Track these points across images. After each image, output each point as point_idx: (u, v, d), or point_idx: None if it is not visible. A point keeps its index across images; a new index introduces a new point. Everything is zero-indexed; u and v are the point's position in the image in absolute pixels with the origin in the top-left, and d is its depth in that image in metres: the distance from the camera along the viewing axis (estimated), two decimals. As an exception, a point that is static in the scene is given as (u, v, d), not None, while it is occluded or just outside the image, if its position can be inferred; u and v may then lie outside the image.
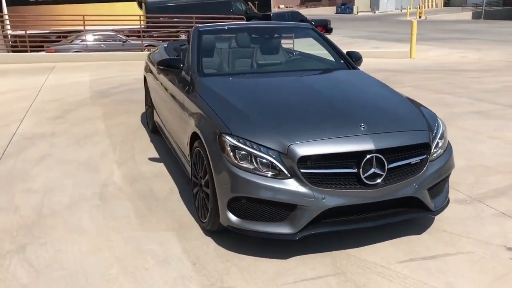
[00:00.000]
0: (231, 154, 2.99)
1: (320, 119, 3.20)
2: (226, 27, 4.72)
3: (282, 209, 2.94)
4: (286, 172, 2.91)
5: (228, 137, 3.04)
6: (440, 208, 3.30)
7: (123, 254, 3.13)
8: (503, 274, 2.89)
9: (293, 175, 2.90)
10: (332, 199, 2.91)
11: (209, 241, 3.29)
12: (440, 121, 3.47)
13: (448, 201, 3.44)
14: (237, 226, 3.02)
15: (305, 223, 2.92)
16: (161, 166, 4.82)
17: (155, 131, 5.91)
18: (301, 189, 2.88)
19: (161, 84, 4.77)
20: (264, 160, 2.93)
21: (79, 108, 7.56)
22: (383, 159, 2.95)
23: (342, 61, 4.48)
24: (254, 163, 2.94)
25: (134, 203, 3.95)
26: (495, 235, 3.36)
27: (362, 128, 3.03)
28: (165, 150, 5.31)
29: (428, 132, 3.22)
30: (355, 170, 2.93)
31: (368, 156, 2.92)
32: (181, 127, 3.92)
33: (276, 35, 4.76)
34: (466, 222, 3.55)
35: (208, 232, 3.40)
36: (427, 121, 3.36)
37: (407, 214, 3.19)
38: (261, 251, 3.14)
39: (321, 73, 4.30)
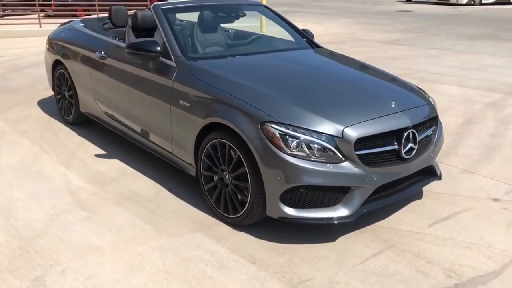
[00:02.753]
0: (282, 143, 2.85)
1: (355, 100, 3.22)
2: (188, 4, 4.32)
3: (337, 192, 2.94)
4: (340, 156, 2.89)
5: (274, 126, 2.88)
6: (441, 173, 3.65)
7: (168, 266, 2.79)
8: (510, 222, 3.37)
9: (347, 158, 2.90)
10: (381, 176, 3.01)
11: (247, 236, 3.12)
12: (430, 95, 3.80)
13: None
14: (292, 217, 2.92)
15: (360, 204, 2.97)
16: (118, 163, 4.29)
17: (77, 123, 5.20)
18: (356, 170, 2.91)
19: (116, 70, 4.18)
20: (318, 146, 2.86)
21: None
22: (416, 133, 3.14)
23: (304, 40, 4.51)
24: (307, 150, 2.86)
25: (128, 208, 3.48)
26: (475, 190, 3.86)
27: (393, 106, 3.16)
28: (104, 144, 4.72)
29: (433, 105, 3.51)
30: (396, 147, 3.06)
31: (406, 132, 3.07)
32: (173, 118, 3.53)
33: (240, 14, 4.54)
34: (446, 181, 3.98)
35: (235, 226, 3.22)
36: (427, 95, 3.65)
37: (423, 182, 3.45)
38: (303, 238, 3.11)
39: (304, 52, 4.25)
